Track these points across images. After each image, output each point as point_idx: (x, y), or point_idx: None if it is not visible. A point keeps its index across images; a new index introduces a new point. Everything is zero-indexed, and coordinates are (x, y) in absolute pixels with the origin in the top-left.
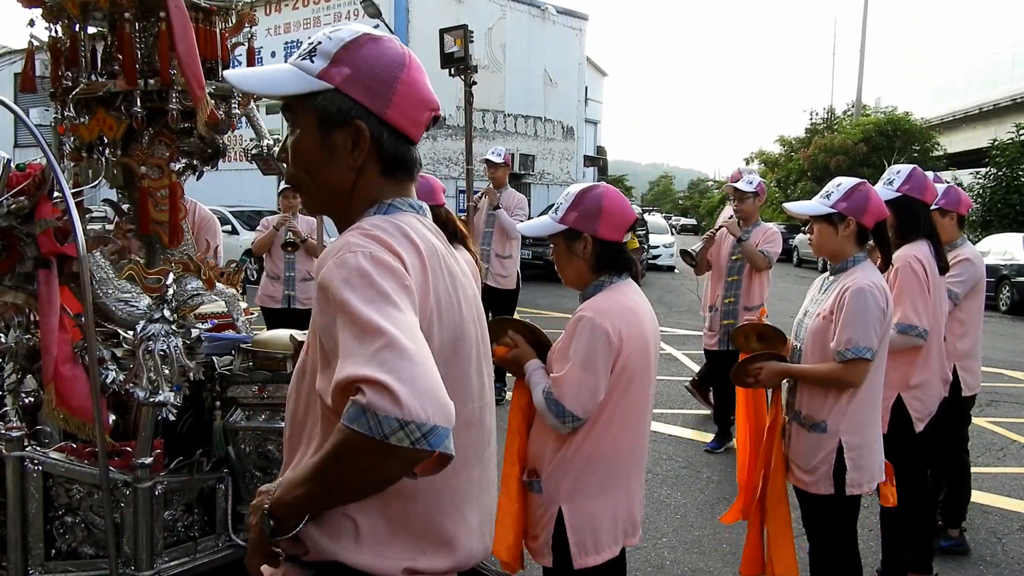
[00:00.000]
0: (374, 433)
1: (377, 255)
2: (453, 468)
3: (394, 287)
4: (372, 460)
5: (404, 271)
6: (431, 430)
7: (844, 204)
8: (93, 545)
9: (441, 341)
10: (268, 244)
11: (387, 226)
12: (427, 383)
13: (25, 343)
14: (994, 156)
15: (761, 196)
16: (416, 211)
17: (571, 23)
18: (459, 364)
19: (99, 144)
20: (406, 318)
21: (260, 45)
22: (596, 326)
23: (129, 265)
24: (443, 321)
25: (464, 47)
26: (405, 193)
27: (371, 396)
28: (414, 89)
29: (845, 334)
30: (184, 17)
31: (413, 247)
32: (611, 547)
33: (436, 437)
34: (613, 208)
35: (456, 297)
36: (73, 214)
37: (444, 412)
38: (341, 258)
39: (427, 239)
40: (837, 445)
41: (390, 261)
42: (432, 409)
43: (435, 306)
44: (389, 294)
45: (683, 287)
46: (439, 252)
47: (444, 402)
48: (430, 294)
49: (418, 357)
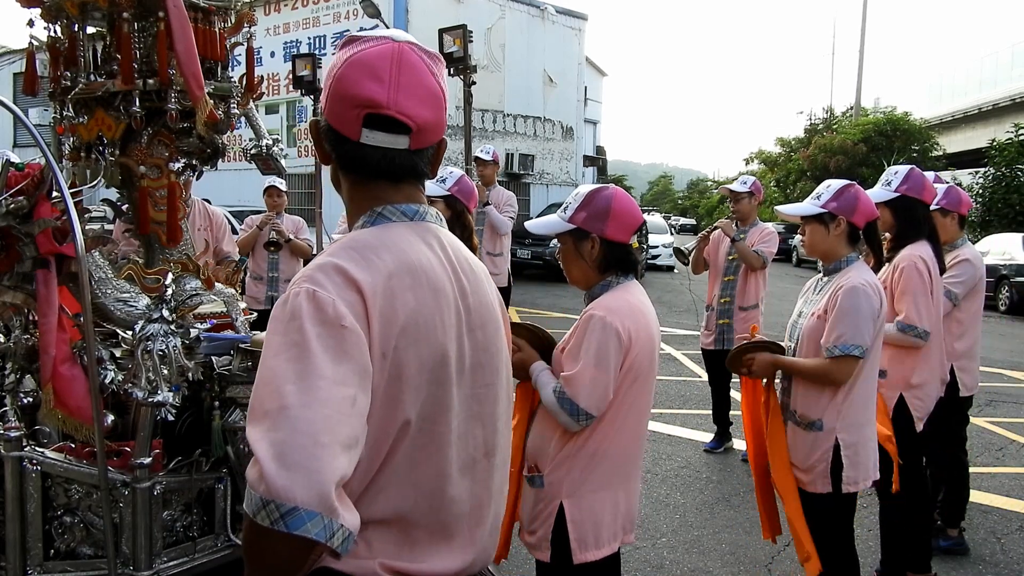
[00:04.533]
0: (248, 510)
1: (318, 296)
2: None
3: (320, 333)
4: (254, 540)
5: (343, 312)
6: (290, 511)
7: (834, 204)
8: (92, 545)
9: (420, 361)
10: (251, 243)
11: (359, 244)
12: (301, 456)
13: (24, 343)
14: (992, 156)
15: (757, 196)
16: (410, 218)
17: (570, 23)
18: (441, 383)
19: (98, 144)
20: (322, 370)
21: (259, 45)
22: (608, 325)
23: (128, 265)
24: (420, 342)
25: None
26: (398, 199)
27: (249, 468)
28: (343, 89)
29: (836, 331)
30: (183, 17)
31: (375, 270)
32: (610, 543)
33: (295, 519)
34: (622, 210)
35: (439, 316)
36: (72, 214)
37: (315, 491)
38: (290, 290)
39: (406, 255)
40: (833, 443)
41: (327, 303)
42: (300, 486)
43: (407, 327)
44: (310, 343)
45: (682, 287)
46: (421, 267)
47: (318, 480)
48: (397, 317)
49: (301, 424)
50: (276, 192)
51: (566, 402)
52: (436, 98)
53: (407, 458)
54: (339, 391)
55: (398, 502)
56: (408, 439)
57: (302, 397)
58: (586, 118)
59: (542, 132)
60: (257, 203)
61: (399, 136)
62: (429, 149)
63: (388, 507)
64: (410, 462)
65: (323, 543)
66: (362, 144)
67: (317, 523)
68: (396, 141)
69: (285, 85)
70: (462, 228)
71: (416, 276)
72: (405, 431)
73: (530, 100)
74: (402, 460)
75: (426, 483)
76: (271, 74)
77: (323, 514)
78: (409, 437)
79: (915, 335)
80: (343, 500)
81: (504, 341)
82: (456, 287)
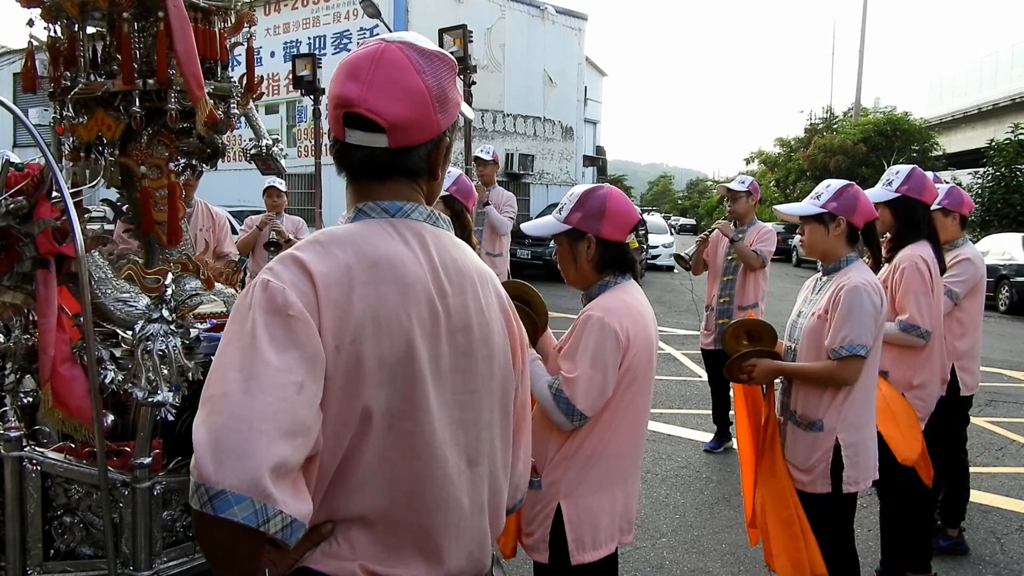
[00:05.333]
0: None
1: (270, 285)
2: (394, 491)
3: (268, 321)
4: (195, 524)
5: (292, 301)
6: (217, 494)
7: (833, 204)
8: (92, 545)
9: (381, 356)
10: (251, 244)
11: (326, 238)
12: (234, 441)
13: (24, 343)
14: (992, 156)
15: (754, 195)
16: (392, 215)
17: (570, 23)
18: (410, 381)
19: (98, 144)
20: (266, 358)
21: (259, 45)
22: (606, 325)
23: (128, 265)
24: (381, 336)
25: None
26: (383, 196)
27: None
28: (330, 89)
29: (840, 332)
30: (183, 17)
31: (334, 262)
32: (608, 544)
33: (221, 502)
34: (617, 209)
35: (404, 311)
36: (72, 214)
37: (246, 476)
38: (255, 279)
39: (373, 249)
40: (834, 443)
41: (277, 292)
42: (229, 470)
43: (365, 321)
44: (257, 331)
45: (682, 287)
46: (387, 262)
47: (250, 465)
48: (354, 310)
49: (238, 410)
50: (276, 192)
51: (562, 401)
52: (414, 95)
53: (381, 457)
54: (283, 378)
55: (375, 501)
56: (375, 435)
57: (244, 384)
58: (586, 118)
59: (542, 132)
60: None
61: (376, 135)
62: (421, 148)
63: (366, 506)
64: (385, 461)
65: (254, 528)
66: (347, 144)
67: (246, 507)
68: (375, 139)
69: (285, 85)
70: (461, 228)
71: (378, 270)
72: (368, 425)
73: (530, 100)
74: (376, 458)
75: (404, 484)
76: (271, 74)
77: (254, 498)
78: (376, 432)
79: (917, 335)
80: (287, 487)
81: (499, 349)
82: (435, 286)
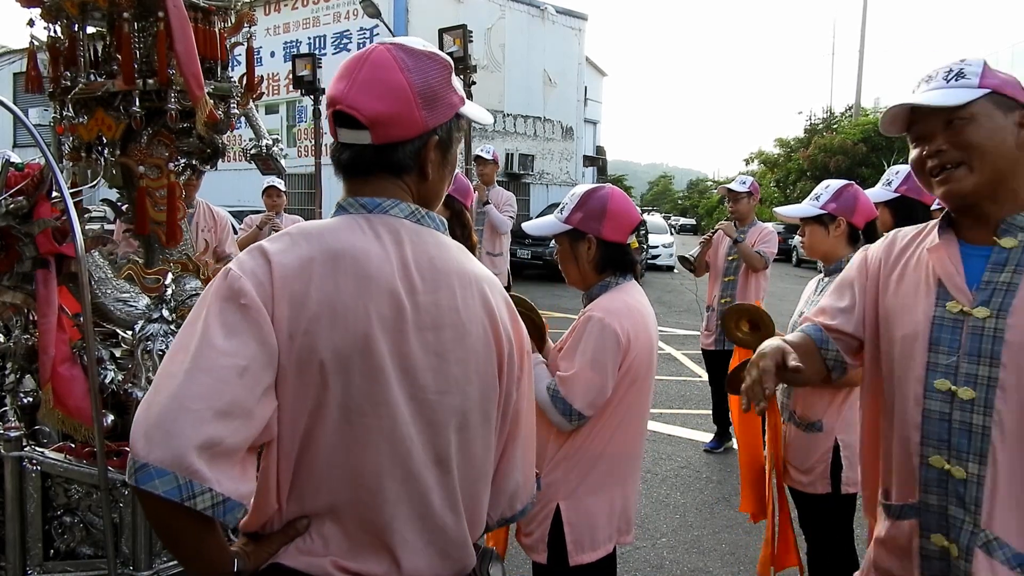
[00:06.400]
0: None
1: (230, 274)
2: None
3: (221, 308)
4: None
5: (246, 289)
6: (141, 467)
7: (833, 204)
8: (92, 545)
9: (335, 347)
10: (251, 243)
11: (298, 230)
12: (164, 418)
13: (24, 343)
14: None
15: (755, 196)
16: (369, 210)
17: (570, 23)
18: (368, 375)
19: (98, 144)
20: (212, 341)
21: (259, 45)
22: (606, 327)
23: (128, 265)
24: (336, 327)
25: (463, 47)
26: (364, 192)
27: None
28: (328, 90)
29: None
30: (183, 17)
31: (296, 253)
32: (606, 544)
33: (144, 475)
34: (618, 210)
35: (363, 304)
36: (72, 214)
37: (169, 451)
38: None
39: (337, 242)
40: (833, 444)
41: (234, 281)
42: (155, 445)
43: (320, 312)
44: (208, 316)
45: (682, 287)
46: (350, 254)
47: (175, 442)
48: (310, 300)
49: (175, 389)
50: (275, 192)
51: (559, 401)
52: (395, 92)
53: (343, 448)
54: (225, 360)
55: (341, 494)
56: (333, 426)
57: (186, 364)
58: (586, 118)
59: (542, 132)
60: (257, 203)
61: (359, 132)
62: (407, 145)
63: (333, 499)
64: (345, 453)
65: (176, 502)
66: (341, 143)
67: (168, 482)
68: (359, 136)
69: (285, 85)
70: (461, 227)
71: (339, 262)
72: (323, 414)
73: (530, 100)
74: (337, 449)
75: (366, 478)
76: (271, 74)
77: (177, 473)
78: (333, 423)
79: None
80: (225, 466)
81: (477, 353)
82: (402, 282)
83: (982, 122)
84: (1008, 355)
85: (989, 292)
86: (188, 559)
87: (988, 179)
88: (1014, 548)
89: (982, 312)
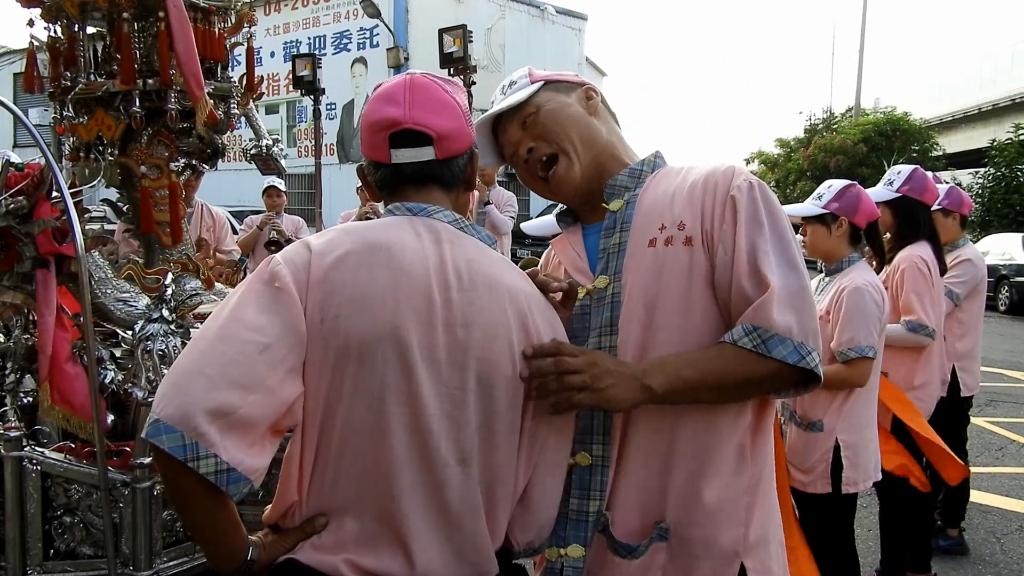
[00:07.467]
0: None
1: (272, 260)
2: (376, 474)
3: (258, 289)
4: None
5: (283, 275)
6: (153, 422)
7: (836, 204)
8: (92, 545)
9: (361, 336)
10: (252, 244)
11: (343, 228)
12: (181, 379)
13: (24, 343)
14: (993, 156)
15: None
16: (414, 213)
17: (570, 23)
18: (394, 365)
19: (98, 144)
20: (242, 316)
21: (259, 45)
22: None
23: (128, 265)
24: (364, 314)
25: (463, 47)
26: (409, 198)
27: None
28: (368, 120)
29: (847, 334)
30: (183, 17)
31: (336, 246)
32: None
33: (152, 428)
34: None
35: (394, 295)
36: (72, 214)
37: (179, 410)
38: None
39: (377, 236)
40: (834, 444)
41: (275, 266)
42: (167, 400)
43: (352, 299)
44: (245, 295)
45: None
46: (387, 246)
47: (186, 401)
48: (345, 288)
49: (196, 355)
50: (276, 192)
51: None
52: (451, 108)
53: (363, 436)
54: (250, 335)
55: (359, 483)
56: (355, 413)
57: (213, 333)
58: None
59: None
60: (257, 203)
61: (423, 148)
62: (460, 158)
63: (350, 488)
64: (366, 441)
65: (178, 459)
66: (395, 164)
67: (174, 439)
68: (421, 153)
69: (285, 85)
70: None
71: (375, 253)
72: (345, 401)
73: None
74: (357, 436)
75: (386, 468)
76: (271, 74)
77: (185, 433)
78: (356, 411)
79: (925, 334)
80: (236, 436)
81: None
82: (437, 277)
83: (549, 106)
84: (623, 319)
85: (605, 260)
86: (205, 540)
87: (589, 160)
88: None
89: (603, 281)
